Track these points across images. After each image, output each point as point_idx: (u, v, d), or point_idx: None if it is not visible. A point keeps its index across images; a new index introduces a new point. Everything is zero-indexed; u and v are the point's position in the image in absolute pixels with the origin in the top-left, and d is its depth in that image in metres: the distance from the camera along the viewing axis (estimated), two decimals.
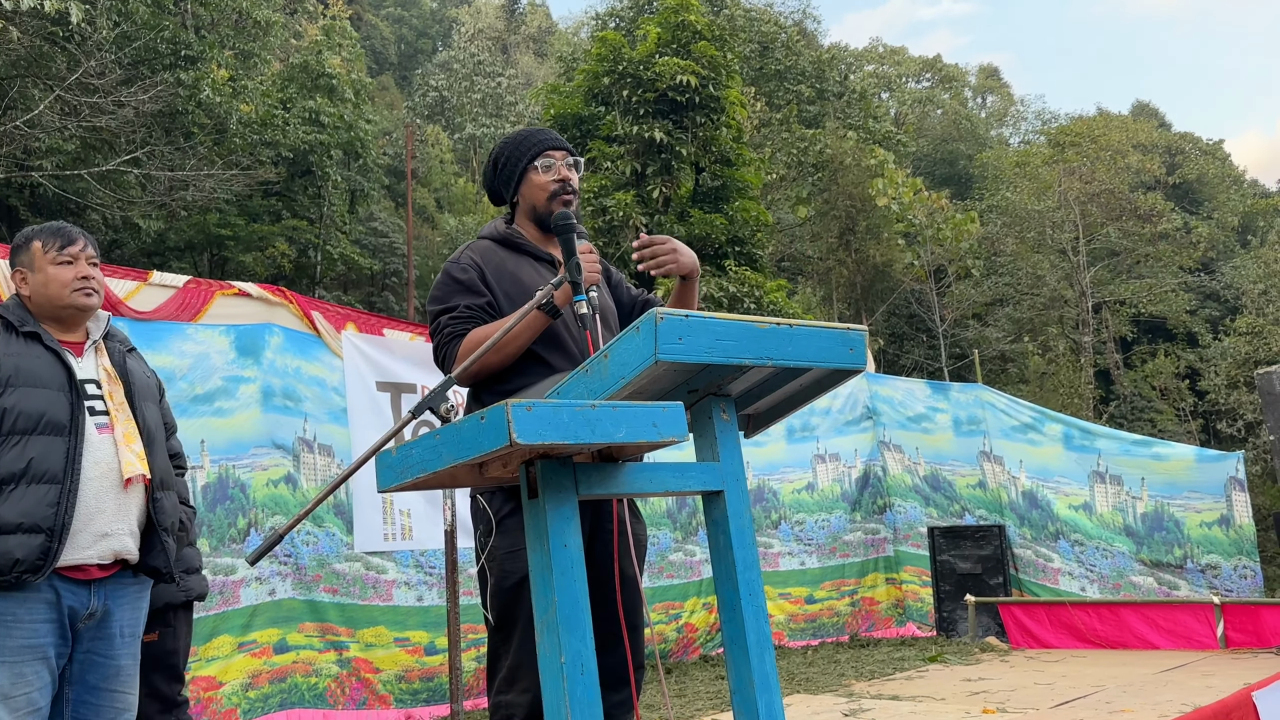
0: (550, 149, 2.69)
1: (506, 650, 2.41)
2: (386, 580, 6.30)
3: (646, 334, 1.76)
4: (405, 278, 27.42)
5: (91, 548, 2.57)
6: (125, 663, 2.69)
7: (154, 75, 16.14)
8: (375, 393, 6.49)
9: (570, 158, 2.72)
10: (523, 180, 2.70)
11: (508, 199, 2.76)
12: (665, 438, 1.70)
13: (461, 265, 2.62)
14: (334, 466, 6.19)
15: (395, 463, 1.69)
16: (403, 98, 40.87)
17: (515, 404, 1.51)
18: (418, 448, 1.66)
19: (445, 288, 2.61)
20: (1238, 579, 6.80)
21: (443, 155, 33.41)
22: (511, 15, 54.59)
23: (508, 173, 2.72)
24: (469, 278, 2.59)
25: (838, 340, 2.05)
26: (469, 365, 2.20)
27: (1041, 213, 26.65)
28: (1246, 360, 29.16)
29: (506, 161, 2.73)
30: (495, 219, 2.79)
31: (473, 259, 2.63)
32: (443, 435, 1.61)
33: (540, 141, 2.71)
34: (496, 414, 1.51)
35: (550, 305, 2.38)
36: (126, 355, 2.78)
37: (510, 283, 2.60)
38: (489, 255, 2.65)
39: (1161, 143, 43.02)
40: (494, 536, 2.42)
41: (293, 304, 6.18)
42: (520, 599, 2.35)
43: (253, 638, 5.44)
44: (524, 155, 2.69)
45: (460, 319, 2.54)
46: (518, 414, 1.50)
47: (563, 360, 2.51)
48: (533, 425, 1.52)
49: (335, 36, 23.72)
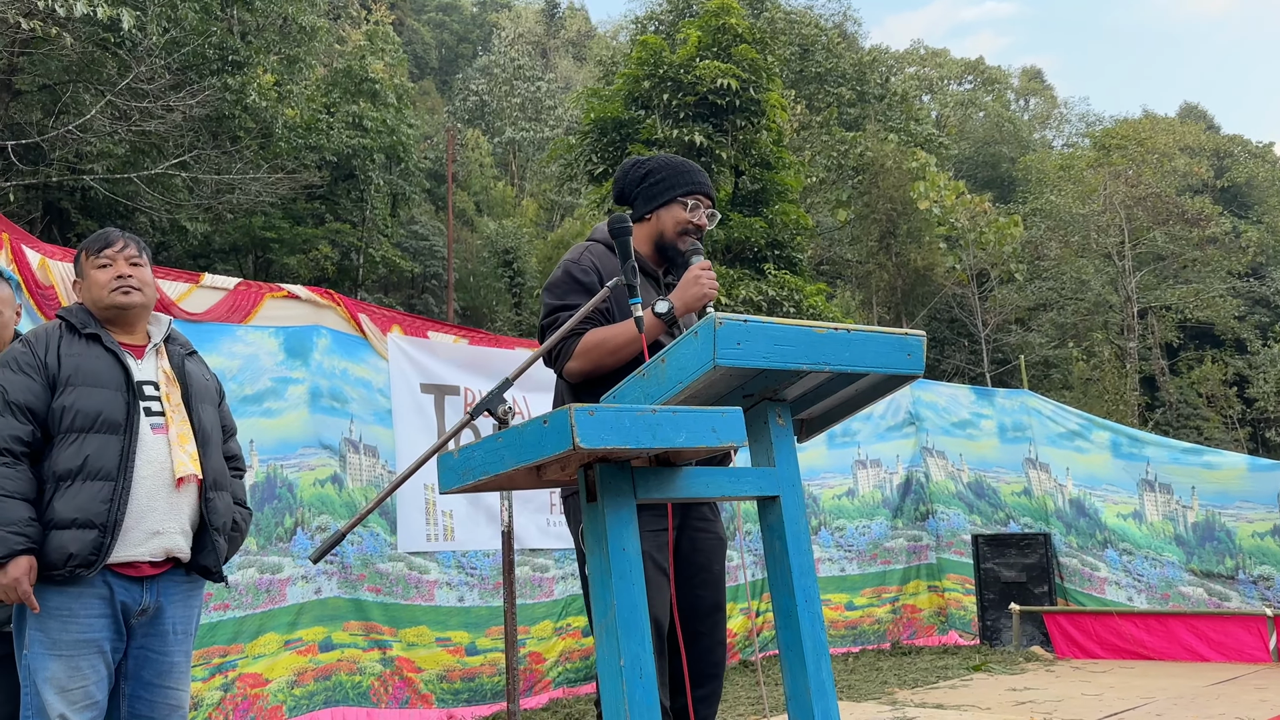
0: (704, 193, 2.81)
1: None
2: (429, 580, 6.33)
3: (705, 339, 1.75)
4: (445, 280, 27.64)
5: (143, 545, 2.61)
6: (178, 659, 2.72)
7: (201, 80, 16.39)
8: (419, 395, 6.53)
9: (712, 209, 2.83)
10: (666, 206, 2.79)
11: (638, 212, 2.84)
12: (724, 442, 1.69)
13: (583, 266, 2.72)
14: (379, 467, 6.24)
15: (457, 465, 1.69)
16: (443, 102, 41.17)
17: (578, 408, 1.51)
18: (479, 450, 1.66)
19: (565, 284, 2.71)
20: None
21: (482, 159, 33.63)
22: (551, 20, 54.82)
23: (655, 191, 2.81)
24: (590, 281, 2.68)
25: (895, 345, 2.03)
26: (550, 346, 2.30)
27: (1086, 216, 26.28)
28: None
29: (660, 181, 2.81)
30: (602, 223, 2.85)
31: (593, 262, 2.73)
32: (505, 438, 1.61)
33: (700, 183, 2.82)
34: (559, 418, 1.51)
35: (670, 314, 2.44)
36: (186, 358, 2.83)
37: None
38: (605, 261, 2.73)
39: (1209, 145, 42.31)
40: None
41: (340, 306, 6.24)
42: None
43: (299, 636, 5.49)
44: (679, 185, 2.79)
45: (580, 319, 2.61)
46: (580, 418, 1.50)
47: None
48: (595, 430, 1.51)
49: (378, 41, 23.96)
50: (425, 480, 6.38)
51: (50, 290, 4.53)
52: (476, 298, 28.20)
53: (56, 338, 2.64)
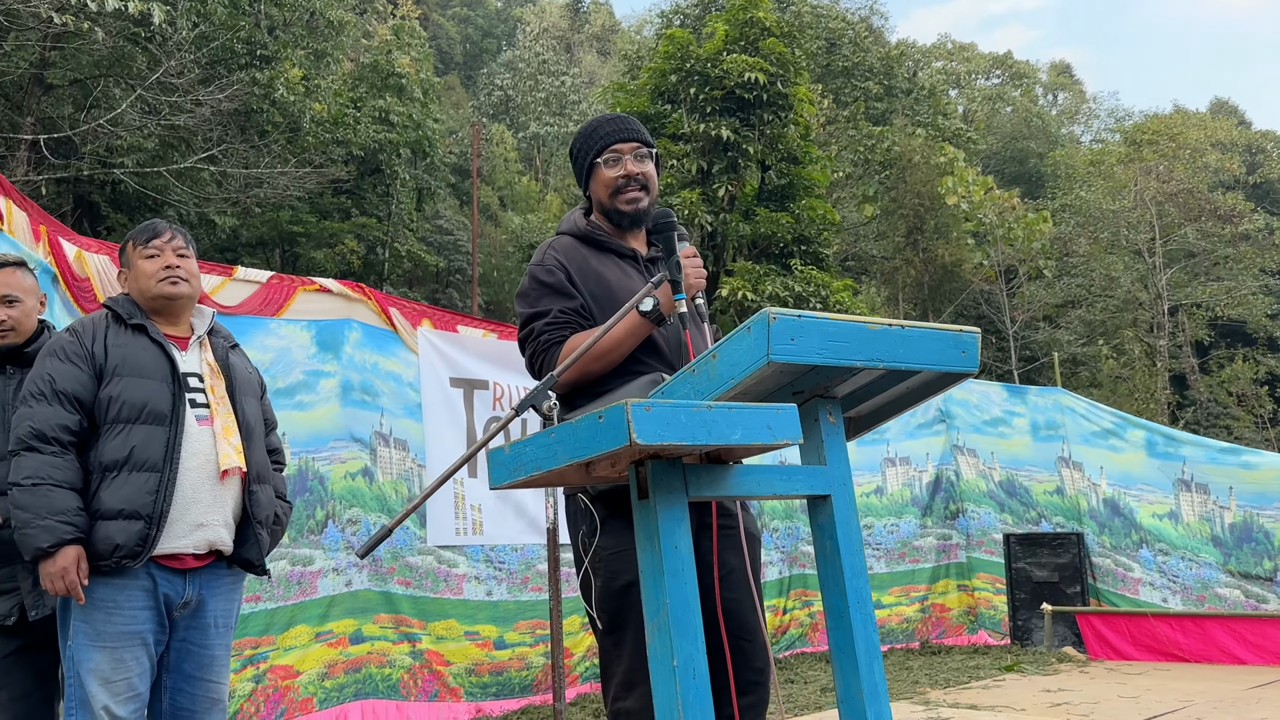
0: (617, 142, 2.59)
1: (619, 655, 2.35)
2: (458, 574, 6.34)
3: (759, 334, 1.72)
4: (469, 275, 27.71)
5: (187, 537, 2.61)
6: (219, 653, 2.73)
7: (230, 75, 16.49)
8: (449, 389, 6.54)
9: (642, 148, 2.61)
10: (591, 176, 2.63)
11: (584, 191, 2.71)
12: (779, 440, 1.66)
13: (546, 267, 2.55)
14: (409, 461, 6.26)
15: (508, 460, 1.67)
16: (468, 97, 41.26)
17: (635, 404, 1.48)
18: (531, 446, 1.64)
19: (534, 291, 2.54)
20: None
21: (507, 154, 33.68)
22: (575, 14, 54.80)
23: (578, 166, 2.67)
24: (556, 280, 2.52)
25: (950, 342, 1.99)
26: (570, 365, 2.16)
27: (1116, 213, 26.00)
28: None
29: (577, 154, 2.67)
30: (573, 211, 2.74)
31: (556, 259, 2.56)
32: (558, 434, 1.59)
33: (607, 134, 2.61)
34: (616, 414, 1.49)
35: (656, 313, 2.34)
36: (229, 351, 2.83)
37: (595, 282, 2.53)
38: (571, 254, 2.57)
39: (1241, 141, 41.76)
40: (599, 537, 2.37)
41: (371, 300, 6.25)
42: (630, 601, 2.30)
43: (330, 628, 5.50)
44: (591, 149, 2.61)
45: (556, 324, 2.48)
46: (637, 414, 1.47)
47: (657, 362, 2.46)
48: (652, 425, 1.49)
49: (404, 36, 24.02)
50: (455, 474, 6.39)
51: (86, 282, 4.55)
52: (500, 292, 28.26)
53: (104, 328, 2.65)
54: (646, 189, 2.61)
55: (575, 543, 2.46)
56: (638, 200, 2.59)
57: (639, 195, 2.59)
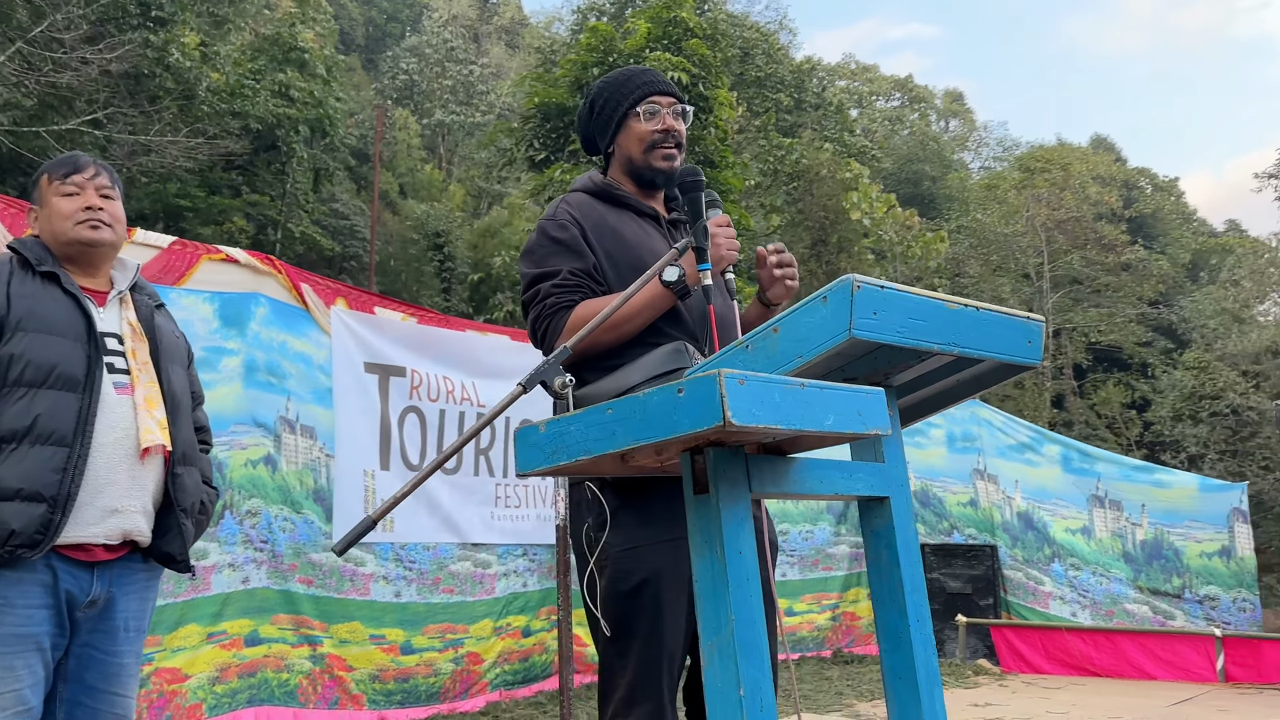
0: (656, 93, 2.37)
1: (624, 665, 2.08)
2: (365, 574, 5.97)
3: (839, 305, 1.47)
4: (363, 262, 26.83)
5: (98, 524, 2.21)
6: (127, 661, 2.33)
7: (121, 35, 15.46)
8: (363, 374, 6.15)
9: (678, 105, 2.40)
10: (621, 127, 2.37)
11: (603, 148, 2.44)
12: (870, 429, 1.42)
13: (559, 221, 2.28)
14: (316, 450, 5.85)
15: (545, 441, 1.38)
16: (369, 80, 40.03)
17: (729, 375, 1.21)
18: (578, 425, 1.35)
19: (543, 248, 2.27)
20: (1236, 611, 6.68)
21: (410, 140, 32.80)
22: (484, 5, 53.93)
23: (605, 118, 2.40)
24: (569, 236, 2.25)
25: (1019, 330, 1.78)
26: (584, 336, 1.87)
27: (1009, 236, 26.85)
28: (1192, 394, 29.73)
29: (605, 104, 2.40)
30: (586, 173, 2.48)
31: (570, 214, 2.29)
32: (619, 410, 1.30)
33: (646, 84, 2.38)
34: (704, 387, 1.21)
35: (680, 284, 2.08)
36: (155, 311, 2.43)
37: (611, 240, 2.27)
38: (587, 210, 2.32)
39: (1119, 176, 43.83)
40: (607, 531, 2.09)
41: (281, 274, 5.81)
42: (639, 605, 2.05)
43: (223, 628, 5.07)
44: (625, 98, 2.36)
45: (565, 287, 2.20)
46: (732, 387, 1.20)
47: (678, 331, 2.21)
48: (746, 403, 1.22)
49: (309, 10, 23.08)
50: (365, 465, 6.01)
51: None
52: (397, 282, 27.43)
53: (6, 274, 2.22)
54: (681, 148, 2.39)
55: (580, 536, 2.17)
56: (673, 158, 2.36)
57: (675, 153, 2.37)
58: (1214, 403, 28.73)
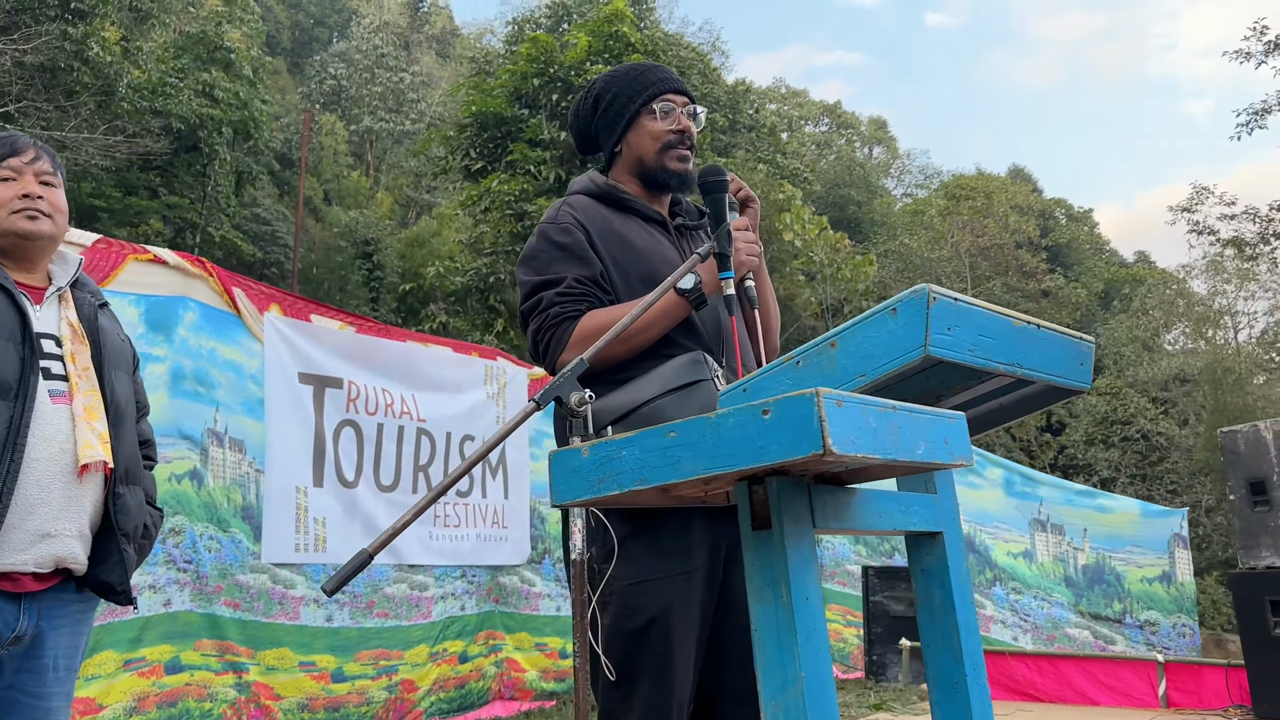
0: (670, 91, 2.20)
1: (627, 711, 1.88)
2: (294, 597, 5.65)
3: (912, 317, 1.31)
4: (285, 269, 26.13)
5: (28, 550, 1.94)
6: (57, 704, 2.05)
7: (38, 25, 14.76)
8: (297, 385, 5.84)
9: (692, 105, 2.24)
10: (632, 126, 2.19)
11: (607, 147, 2.26)
12: (956, 459, 1.26)
13: (561, 225, 2.09)
14: (245, 465, 5.53)
15: (590, 468, 1.18)
16: (294, 84, 39.18)
17: (827, 395, 1.04)
18: (632, 449, 1.16)
19: (545, 254, 2.08)
20: (1176, 637, 6.73)
21: (337, 146, 32.14)
22: (415, 14, 53.32)
23: (613, 115, 2.21)
24: (574, 240, 2.06)
25: (1073, 352, 1.65)
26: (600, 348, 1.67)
27: (935, 261, 27.36)
28: (1104, 419, 30.65)
29: (614, 101, 2.21)
30: (585, 174, 2.28)
31: (573, 217, 2.11)
32: (684, 434, 1.12)
33: (660, 80, 2.21)
34: (797, 409, 1.04)
35: (697, 292, 1.91)
36: (98, 311, 2.16)
37: (619, 247, 2.09)
38: (591, 213, 2.13)
39: (1036, 206, 45.16)
40: (615, 563, 1.88)
41: (213, 277, 5.50)
42: (647, 646, 1.85)
43: (142, 654, 4.73)
44: (638, 95, 2.19)
45: (570, 296, 2.01)
46: (832, 410, 1.03)
47: (691, 342, 2.03)
48: (846, 428, 1.05)
49: (237, 9, 22.43)
50: (297, 481, 5.70)
51: None
52: (320, 290, 26.77)
53: None
54: (694, 150, 2.23)
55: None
56: (688, 160, 2.20)
57: (690, 155, 2.21)
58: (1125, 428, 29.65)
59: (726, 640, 1.98)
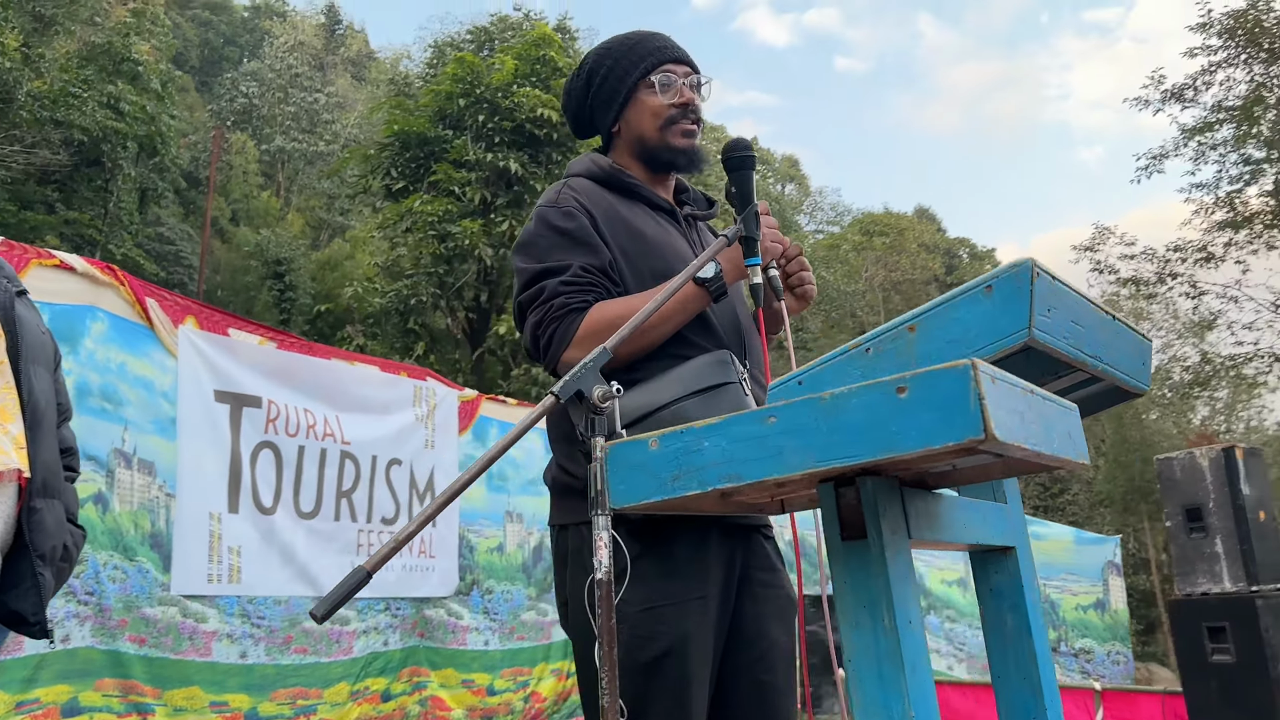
0: (670, 61, 2.00)
1: None
2: (206, 631, 5.26)
3: (1013, 296, 1.14)
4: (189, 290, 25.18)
5: None
6: None
7: None
8: (212, 403, 5.47)
9: (694, 75, 2.02)
10: (629, 101, 1.99)
11: (604, 128, 2.05)
12: (1078, 457, 1.09)
13: (564, 209, 1.86)
14: (154, 488, 5.14)
15: (660, 464, 0.97)
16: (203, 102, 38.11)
17: (983, 369, 0.86)
18: (718, 439, 0.95)
19: (545, 239, 1.84)
20: (1110, 664, 6.75)
21: (248, 165, 31.25)
22: (331, 35, 52.53)
23: (607, 92, 2.00)
24: (578, 225, 1.84)
25: (1138, 349, 1.50)
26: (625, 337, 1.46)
27: (849, 294, 27.82)
28: None
29: (608, 76, 2.00)
30: (585, 155, 2.06)
31: (576, 200, 1.88)
32: (786, 419, 0.92)
33: (657, 49, 2.00)
34: (949, 384, 0.85)
35: (717, 281, 1.72)
36: (15, 299, 1.87)
37: (627, 235, 1.87)
38: (595, 198, 1.91)
39: (942, 245, 46.53)
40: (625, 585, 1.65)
41: (124, 286, 5.11)
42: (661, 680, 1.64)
43: (35, 696, 4.33)
44: (634, 68, 1.98)
45: (576, 285, 1.78)
46: (989, 387, 0.85)
47: (706, 339, 1.84)
48: (1003, 412, 0.86)
49: (146, 21, 21.65)
50: (211, 507, 5.32)
51: None
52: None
53: None
54: (700, 124, 2.02)
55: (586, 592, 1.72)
56: (694, 135, 1.99)
57: (696, 129, 2.00)
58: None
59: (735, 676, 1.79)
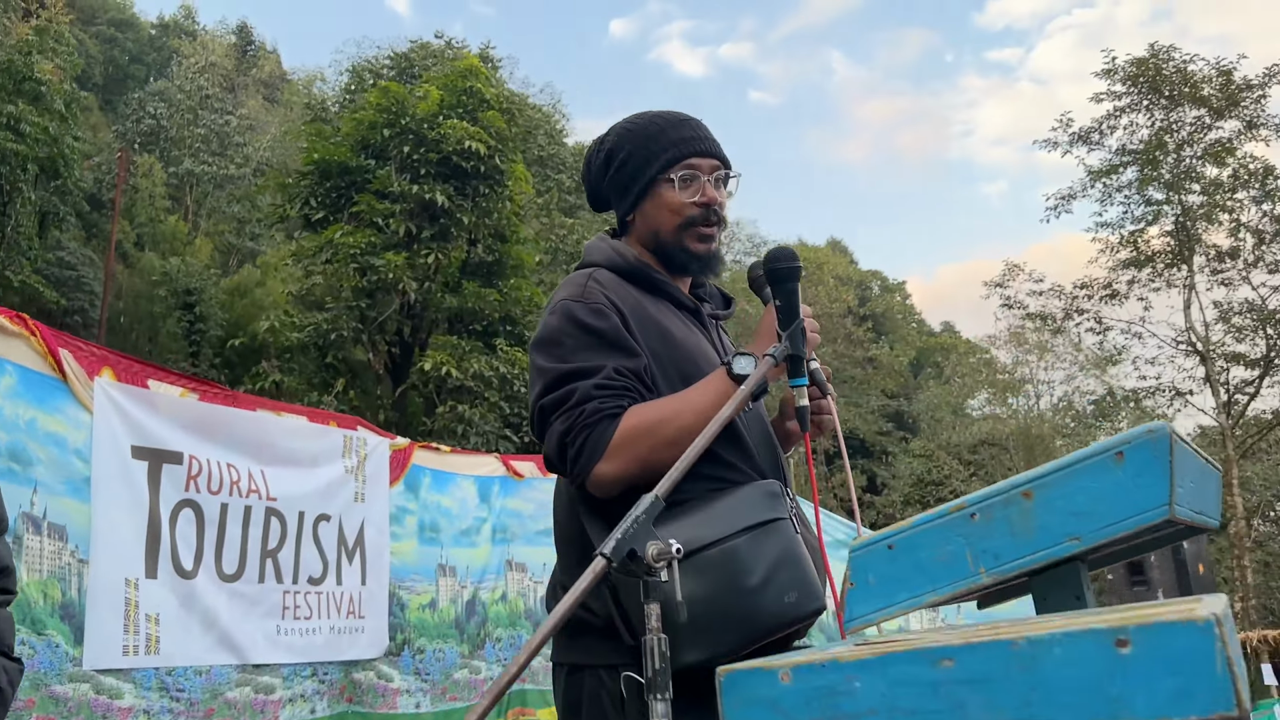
0: (695, 155, 1.83)
1: None
2: (121, 708, 4.91)
3: (1149, 466, 1.01)
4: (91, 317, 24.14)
5: None
6: None
7: None
8: (129, 460, 5.13)
9: (722, 169, 1.87)
10: (647, 194, 1.83)
11: (619, 213, 1.89)
12: None
13: (594, 306, 1.69)
14: (66, 554, 4.78)
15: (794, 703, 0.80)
16: (107, 122, 36.77)
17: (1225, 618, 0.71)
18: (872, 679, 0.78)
19: (573, 339, 1.67)
20: None
21: (154, 189, 30.17)
22: (243, 56, 51.30)
23: (625, 179, 1.85)
24: (611, 325, 1.67)
25: (1216, 486, 1.39)
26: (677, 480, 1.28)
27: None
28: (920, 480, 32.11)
29: (628, 160, 1.84)
30: (598, 239, 1.90)
31: (606, 296, 1.71)
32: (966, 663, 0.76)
33: (683, 140, 1.84)
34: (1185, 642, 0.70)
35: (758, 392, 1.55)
36: None
37: (657, 337, 1.72)
38: (622, 293, 1.75)
39: (854, 277, 47.46)
40: None
41: (35, 336, 4.76)
42: None
43: None
44: (655, 159, 1.82)
45: (612, 390, 1.61)
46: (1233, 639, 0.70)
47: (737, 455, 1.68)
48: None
49: (49, 40, 20.76)
50: (127, 573, 4.95)
51: None
52: (126, 342, 24.86)
53: None
54: (722, 225, 1.86)
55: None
56: (711, 240, 1.84)
57: (714, 233, 1.84)
58: (939, 489, 31.11)
59: None
